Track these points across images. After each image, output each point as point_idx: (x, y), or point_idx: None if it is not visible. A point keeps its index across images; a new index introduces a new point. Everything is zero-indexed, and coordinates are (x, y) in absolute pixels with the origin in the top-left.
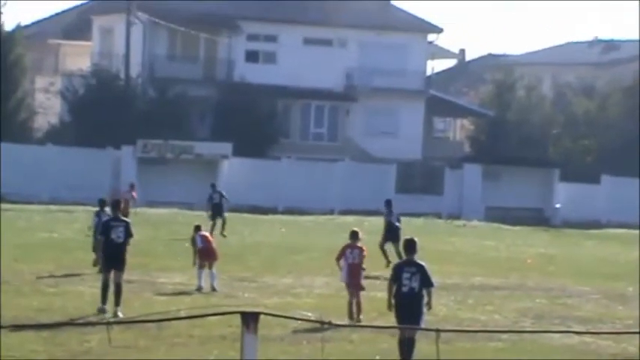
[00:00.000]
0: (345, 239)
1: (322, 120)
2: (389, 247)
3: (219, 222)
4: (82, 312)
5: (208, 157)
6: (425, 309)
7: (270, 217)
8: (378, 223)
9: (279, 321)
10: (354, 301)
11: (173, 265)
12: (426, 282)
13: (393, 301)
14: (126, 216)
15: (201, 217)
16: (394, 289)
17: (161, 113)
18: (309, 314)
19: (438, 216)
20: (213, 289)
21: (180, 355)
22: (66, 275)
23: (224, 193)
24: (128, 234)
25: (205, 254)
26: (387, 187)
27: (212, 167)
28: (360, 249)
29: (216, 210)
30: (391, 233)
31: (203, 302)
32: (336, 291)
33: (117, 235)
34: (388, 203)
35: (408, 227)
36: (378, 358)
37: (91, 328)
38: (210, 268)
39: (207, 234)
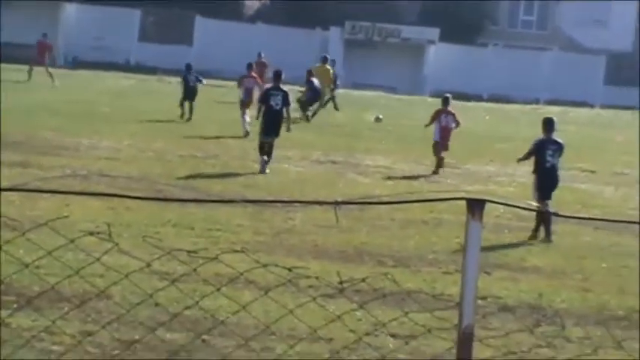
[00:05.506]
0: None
1: (532, 8)
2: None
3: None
4: (285, 189)
5: (415, 41)
6: None
7: (474, 104)
8: (585, 114)
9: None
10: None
11: (377, 148)
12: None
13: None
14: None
15: (402, 99)
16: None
17: None
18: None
19: None
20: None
21: (381, 238)
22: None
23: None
24: (286, 102)
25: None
26: (595, 78)
27: (418, 52)
28: (453, 114)
29: None
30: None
31: (405, 186)
32: None
33: (275, 102)
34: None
35: (617, 120)
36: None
37: (294, 206)
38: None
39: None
